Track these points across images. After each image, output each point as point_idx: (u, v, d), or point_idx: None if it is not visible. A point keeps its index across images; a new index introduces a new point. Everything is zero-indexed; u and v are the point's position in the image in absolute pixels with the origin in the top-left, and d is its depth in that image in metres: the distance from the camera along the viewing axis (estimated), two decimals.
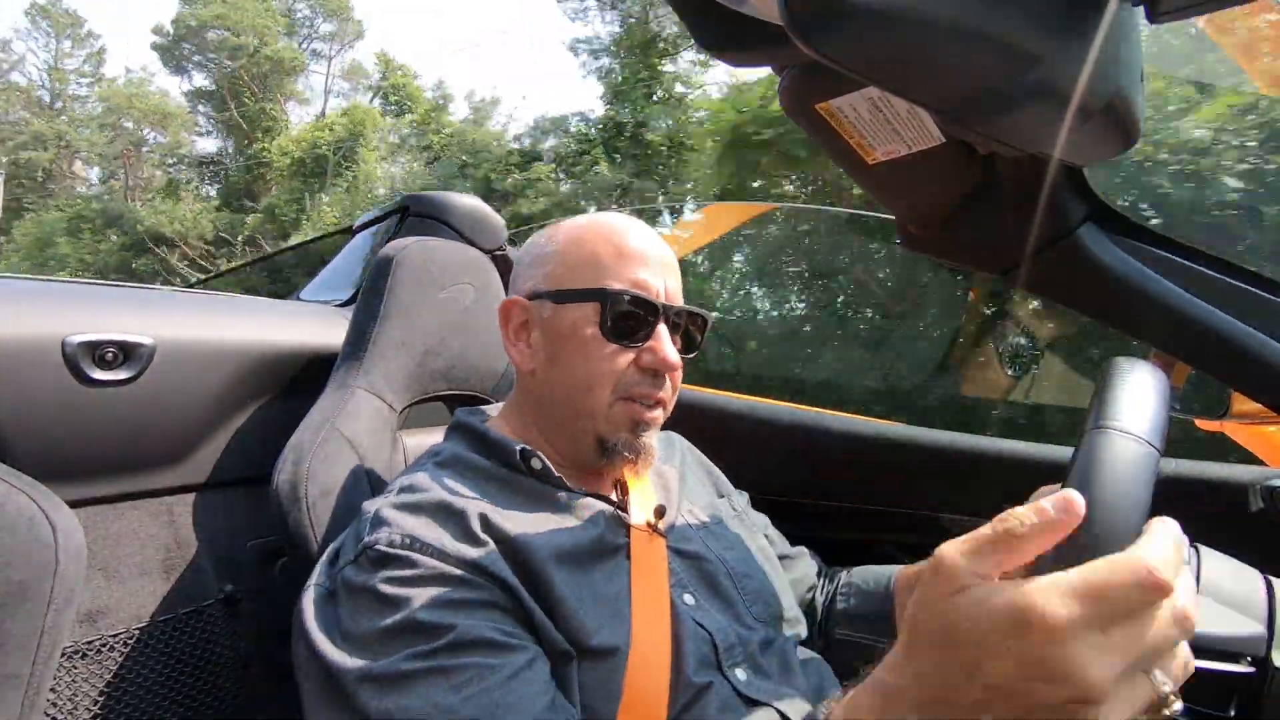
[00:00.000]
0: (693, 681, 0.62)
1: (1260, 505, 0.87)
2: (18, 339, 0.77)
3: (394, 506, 0.62)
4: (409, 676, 0.53)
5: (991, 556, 0.36)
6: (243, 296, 1.24)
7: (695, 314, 0.76)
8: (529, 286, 0.76)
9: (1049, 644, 0.32)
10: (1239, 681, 0.57)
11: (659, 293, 0.72)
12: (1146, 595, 0.33)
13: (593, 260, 0.72)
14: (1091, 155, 0.50)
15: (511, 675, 0.54)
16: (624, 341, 0.71)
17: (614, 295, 0.70)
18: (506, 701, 0.53)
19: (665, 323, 0.72)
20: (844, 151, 0.59)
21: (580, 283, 0.72)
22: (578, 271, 0.73)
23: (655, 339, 0.71)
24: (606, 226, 0.75)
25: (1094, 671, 0.32)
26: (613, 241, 0.73)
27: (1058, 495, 0.36)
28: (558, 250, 0.75)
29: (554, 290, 0.73)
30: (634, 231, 0.74)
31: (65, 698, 0.77)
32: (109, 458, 0.86)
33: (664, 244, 0.76)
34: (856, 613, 0.86)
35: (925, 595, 0.37)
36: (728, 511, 0.86)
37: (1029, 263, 0.67)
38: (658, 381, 0.72)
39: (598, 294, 0.71)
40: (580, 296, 0.71)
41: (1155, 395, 0.48)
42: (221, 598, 0.92)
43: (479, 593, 0.58)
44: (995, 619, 0.33)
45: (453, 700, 0.52)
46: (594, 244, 0.73)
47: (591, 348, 0.71)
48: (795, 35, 0.36)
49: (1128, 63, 0.43)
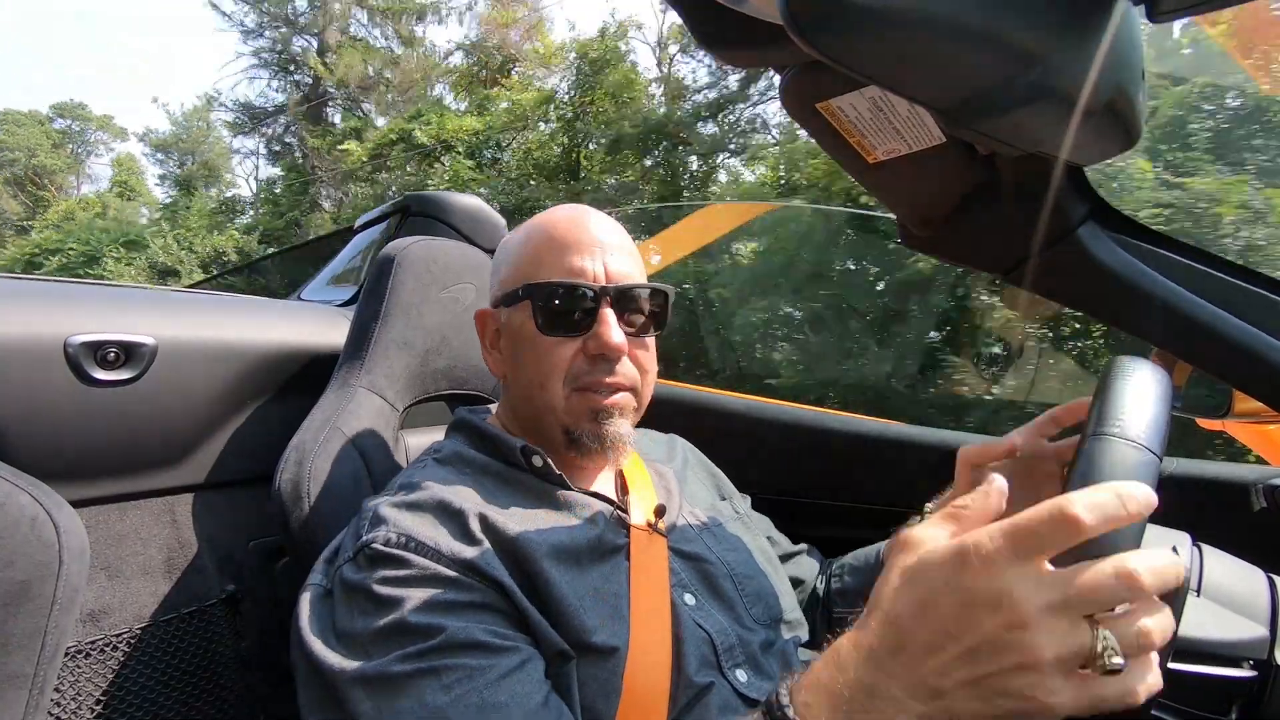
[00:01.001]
0: (694, 682, 0.62)
1: (1262, 504, 0.86)
2: (20, 339, 0.78)
3: (393, 505, 0.63)
4: (400, 678, 0.53)
5: (943, 528, 0.41)
6: (244, 296, 1.24)
7: (649, 289, 0.73)
8: (494, 294, 0.77)
9: (983, 573, 0.36)
10: (1240, 686, 0.57)
11: (595, 276, 0.70)
12: (1062, 529, 0.35)
13: (531, 258, 0.72)
14: (1092, 155, 0.50)
15: (502, 676, 0.54)
16: (564, 333, 0.70)
17: (539, 289, 0.70)
18: (497, 701, 0.53)
19: (610, 305, 0.70)
20: (845, 151, 0.59)
21: (516, 283, 0.72)
22: (518, 272, 0.73)
23: (600, 323, 0.69)
24: (545, 220, 0.74)
25: (1020, 594, 0.35)
26: (547, 233, 0.73)
27: (993, 477, 0.42)
28: (507, 255, 0.76)
29: (503, 294, 0.74)
30: (567, 219, 0.73)
31: (69, 697, 0.77)
32: (111, 457, 0.86)
33: (606, 225, 0.74)
34: (849, 588, 0.87)
35: (888, 565, 0.41)
36: (729, 513, 0.86)
37: (1030, 262, 0.67)
38: (608, 367, 0.70)
39: (528, 290, 0.71)
40: (514, 298, 0.72)
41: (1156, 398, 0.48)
42: (223, 597, 0.92)
43: (473, 594, 0.58)
44: (940, 560, 0.38)
45: (443, 700, 0.52)
46: (533, 241, 0.73)
47: (537, 345, 0.71)
48: (795, 35, 0.36)
49: (1128, 62, 0.43)
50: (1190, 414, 0.79)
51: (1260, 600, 0.61)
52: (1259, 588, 0.63)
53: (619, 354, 0.70)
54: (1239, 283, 0.63)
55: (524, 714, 0.53)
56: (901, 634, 0.39)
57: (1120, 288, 0.64)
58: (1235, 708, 0.57)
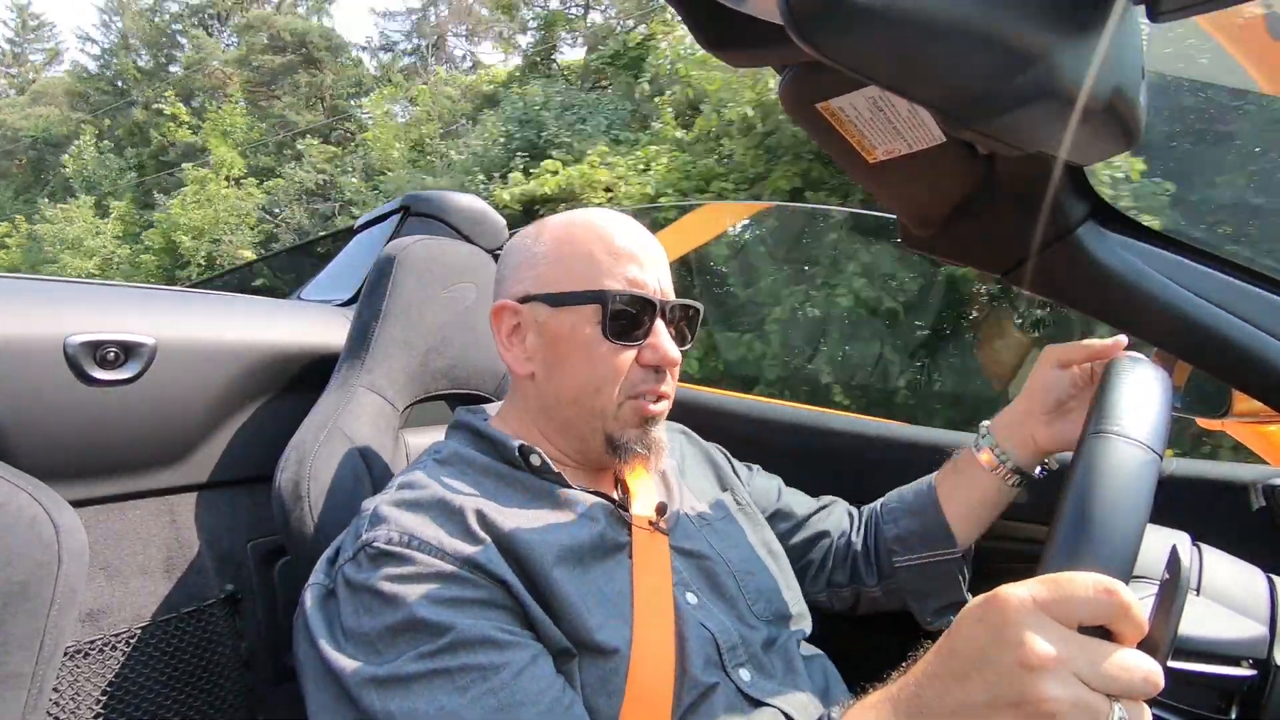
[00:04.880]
0: (698, 681, 0.62)
1: (1261, 504, 0.86)
2: (19, 339, 0.78)
3: (393, 504, 0.62)
4: (413, 679, 0.53)
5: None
6: (244, 296, 1.24)
7: (688, 307, 0.76)
8: (520, 289, 0.74)
9: (1006, 611, 0.40)
10: (1239, 685, 0.57)
11: (654, 289, 0.72)
12: (1099, 594, 0.39)
13: (586, 260, 0.72)
14: (1092, 155, 0.50)
15: (516, 673, 0.54)
16: (625, 340, 0.71)
17: (612, 296, 0.70)
18: (514, 700, 0.53)
19: (662, 318, 0.72)
20: (845, 151, 0.59)
21: (576, 284, 0.71)
22: (572, 273, 0.72)
23: (654, 335, 0.71)
24: (595, 224, 0.74)
25: (1037, 641, 0.38)
26: (604, 240, 0.72)
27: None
28: (546, 251, 0.74)
29: (549, 293, 0.72)
30: (624, 228, 0.74)
31: (68, 697, 0.77)
32: (111, 457, 0.86)
33: (653, 238, 0.76)
34: (909, 533, 0.86)
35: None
36: (731, 505, 0.85)
37: (1030, 262, 0.67)
38: (660, 376, 0.73)
39: (596, 295, 0.70)
40: (578, 299, 0.71)
41: (1157, 397, 0.48)
42: (223, 597, 0.92)
43: (478, 591, 0.58)
44: (974, 604, 0.42)
45: (459, 702, 0.52)
46: (586, 243, 0.72)
47: (594, 349, 0.70)
48: (795, 34, 0.36)
49: (1128, 62, 0.43)
50: (1190, 414, 0.79)
51: (1259, 600, 0.61)
52: (1258, 587, 0.63)
53: (675, 365, 0.73)
54: (1239, 283, 0.63)
55: (539, 712, 0.53)
56: (938, 666, 0.43)
57: (1120, 288, 0.64)
58: (1235, 706, 0.57)
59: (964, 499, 0.83)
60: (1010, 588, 0.41)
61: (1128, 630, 0.39)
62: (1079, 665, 0.38)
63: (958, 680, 0.41)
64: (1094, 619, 0.39)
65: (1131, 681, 0.38)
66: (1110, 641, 0.39)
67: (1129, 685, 0.38)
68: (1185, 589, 0.40)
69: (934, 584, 0.85)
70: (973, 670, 0.40)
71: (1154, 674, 0.38)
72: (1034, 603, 0.39)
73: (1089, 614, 0.39)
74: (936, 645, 0.44)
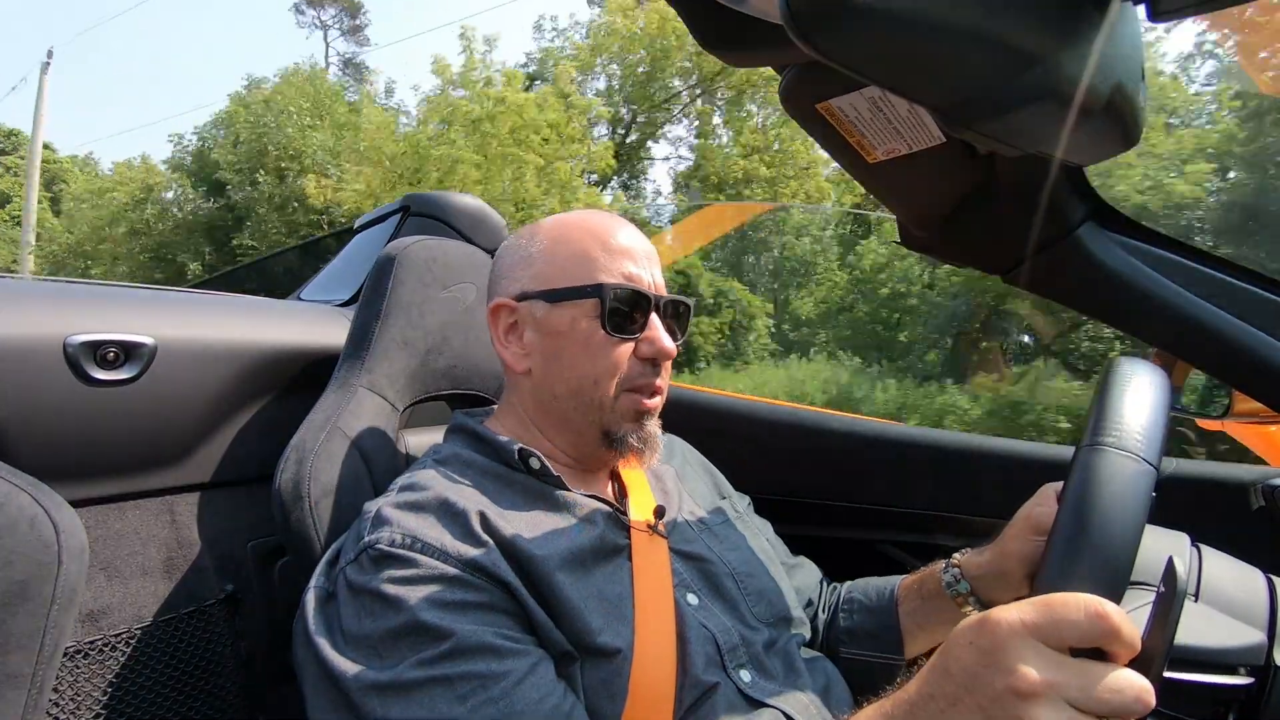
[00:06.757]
0: (699, 681, 0.62)
1: (1260, 504, 0.87)
2: (19, 339, 0.78)
3: (395, 506, 0.62)
4: (413, 686, 0.53)
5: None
6: (244, 296, 1.24)
7: (679, 302, 0.78)
8: (516, 288, 0.76)
9: (997, 635, 0.40)
10: (1236, 693, 0.57)
11: (648, 284, 0.74)
12: (1090, 618, 0.39)
13: (583, 257, 0.73)
14: (1092, 155, 0.50)
15: (517, 682, 0.54)
16: (622, 334, 0.72)
17: (610, 290, 0.71)
18: (513, 710, 0.53)
19: (657, 312, 0.74)
20: (845, 151, 0.59)
21: (573, 280, 0.73)
22: (569, 269, 0.73)
23: (651, 328, 0.73)
24: (591, 223, 0.76)
25: (1028, 667, 0.38)
26: (599, 238, 0.74)
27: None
28: (543, 250, 0.75)
29: (546, 290, 0.73)
30: (618, 227, 0.76)
31: (68, 697, 0.77)
32: (110, 457, 0.86)
33: (645, 237, 0.78)
34: (860, 629, 0.85)
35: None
36: (730, 512, 0.85)
37: (1029, 262, 0.67)
38: (656, 370, 0.74)
39: (594, 290, 0.71)
40: (576, 294, 0.72)
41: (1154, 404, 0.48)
42: (223, 597, 0.91)
43: (480, 594, 0.58)
44: (966, 625, 0.43)
45: (459, 711, 0.52)
46: (581, 241, 0.74)
47: (593, 343, 0.71)
48: (795, 34, 0.36)
49: (1128, 62, 0.43)
50: (1190, 414, 0.79)
51: (1258, 602, 0.61)
52: (1257, 589, 0.62)
53: (670, 358, 0.75)
54: (1239, 283, 0.63)
55: (539, 717, 0.53)
56: (930, 686, 0.44)
57: (1120, 288, 0.64)
58: (1232, 714, 0.57)
59: (925, 622, 0.81)
60: (1001, 611, 0.41)
61: (1120, 650, 0.39)
62: (1070, 691, 0.38)
63: (950, 702, 0.41)
64: (1085, 642, 0.39)
65: (1123, 704, 0.38)
66: (1103, 662, 0.39)
67: (1121, 707, 0.38)
68: (1181, 602, 0.40)
69: (870, 680, 0.81)
70: (964, 693, 0.41)
71: (1145, 694, 0.38)
72: (1024, 627, 0.39)
73: (1080, 637, 0.39)
74: (930, 663, 0.44)
